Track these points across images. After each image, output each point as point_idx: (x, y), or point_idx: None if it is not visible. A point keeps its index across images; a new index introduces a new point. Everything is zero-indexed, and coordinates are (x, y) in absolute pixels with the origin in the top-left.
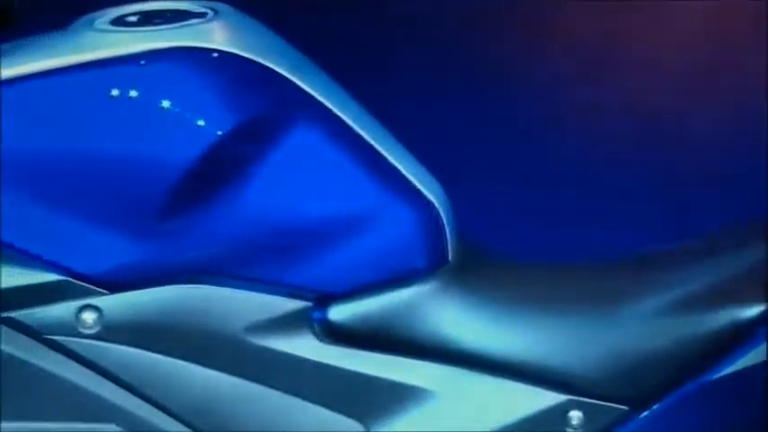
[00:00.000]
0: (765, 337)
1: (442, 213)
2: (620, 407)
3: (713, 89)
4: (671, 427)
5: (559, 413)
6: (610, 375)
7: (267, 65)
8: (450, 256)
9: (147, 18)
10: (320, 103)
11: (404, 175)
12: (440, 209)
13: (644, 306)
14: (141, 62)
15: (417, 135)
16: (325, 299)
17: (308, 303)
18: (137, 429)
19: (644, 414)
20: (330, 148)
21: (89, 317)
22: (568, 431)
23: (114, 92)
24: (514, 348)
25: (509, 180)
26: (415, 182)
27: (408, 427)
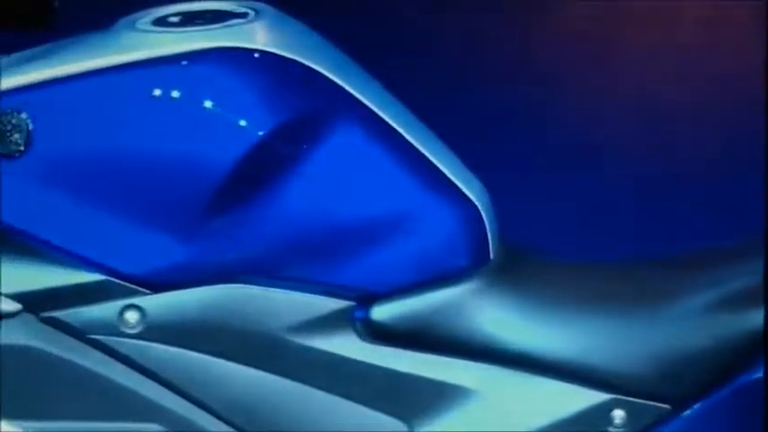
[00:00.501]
0: None
1: (483, 212)
2: (662, 406)
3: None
4: (713, 425)
5: (602, 412)
6: (652, 374)
7: (309, 65)
8: (492, 256)
9: (189, 18)
10: (362, 103)
11: (445, 175)
12: (481, 208)
13: (687, 305)
14: (183, 63)
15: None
16: (367, 298)
17: (350, 303)
18: (179, 429)
19: (686, 413)
20: (372, 148)
21: (132, 317)
22: (611, 430)
23: (156, 92)
24: (557, 347)
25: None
26: (457, 181)
27: (451, 427)
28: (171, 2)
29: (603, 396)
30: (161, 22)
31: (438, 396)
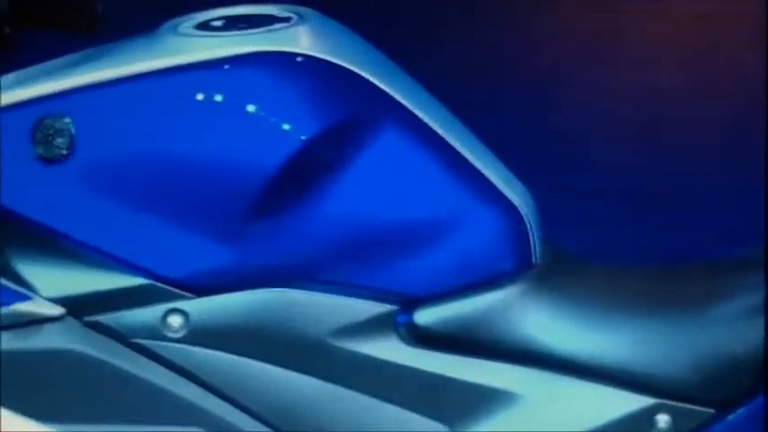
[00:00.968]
0: None
1: (526, 216)
2: (706, 410)
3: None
4: (757, 430)
5: (646, 416)
6: (697, 378)
7: (352, 69)
8: (536, 259)
9: (232, 23)
10: (405, 108)
11: (488, 178)
12: (524, 211)
13: (732, 307)
14: (226, 67)
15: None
16: (410, 302)
17: (393, 307)
18: None
19: (730, 417)
20: (415, 153)
21: (175, 320)
22: None
23: (199, 96)
24: (601, 351)
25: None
26: (500, 185)
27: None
28: (214, 6)
29: (647, 400)
30: (204, 26)
31: (480, 400)
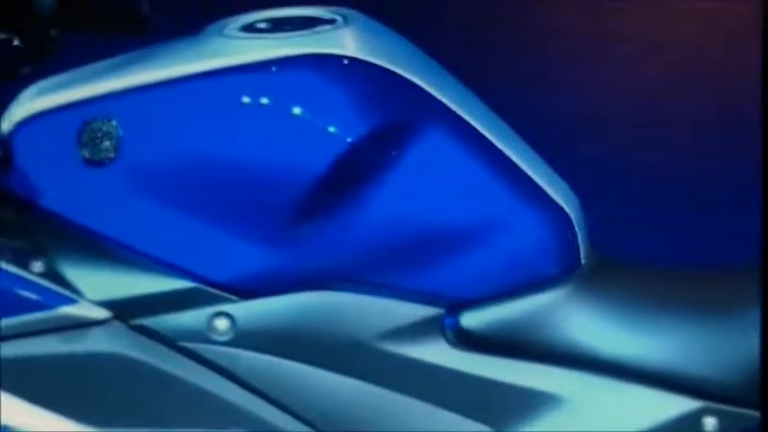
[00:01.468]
0: None
1: (573, 218)
2: (753, 413)
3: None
4: None
5: (693, 419)
6: (744, 380)
7: (397, 71)
8: (583, 261)
9: (278, 25)
10: (450, 110)
11: (534, 181)
12: (571, 214)
13: None
14: (272, 69)
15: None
16: (457, 305)
17: (440, 310)
18: None
19: None
20: (461, 155)
21: (221, 324)
22: None
23: (245, 99)
24: (648, 354)
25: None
26: (546, 186)
27: None
28: (259, 8)
29: (694, 403)
30: (249, 28)
31: (527, 403)
